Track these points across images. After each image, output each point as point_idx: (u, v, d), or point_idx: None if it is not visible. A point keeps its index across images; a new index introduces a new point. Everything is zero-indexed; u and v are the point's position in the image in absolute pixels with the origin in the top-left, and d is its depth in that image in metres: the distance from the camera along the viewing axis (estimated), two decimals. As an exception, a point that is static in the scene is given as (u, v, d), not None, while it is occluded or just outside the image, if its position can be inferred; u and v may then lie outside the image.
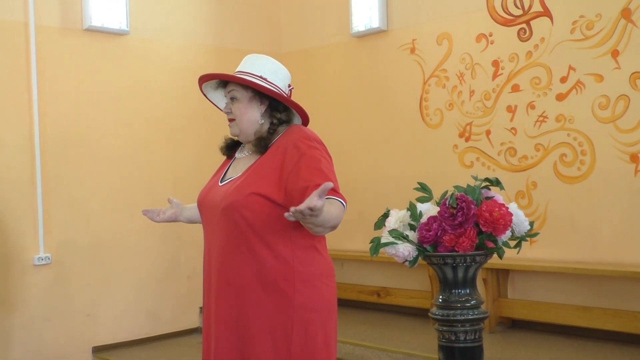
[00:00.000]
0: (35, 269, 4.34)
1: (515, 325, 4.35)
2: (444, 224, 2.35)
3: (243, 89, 2.08)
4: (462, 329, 2.42)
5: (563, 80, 4.15)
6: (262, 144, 2.04)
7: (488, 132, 4.53)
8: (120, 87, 4.81)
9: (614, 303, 3.89)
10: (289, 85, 2.15)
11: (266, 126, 2.08)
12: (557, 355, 3.70)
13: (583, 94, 4.07)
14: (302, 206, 1.61)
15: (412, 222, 2.46)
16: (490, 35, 4.49)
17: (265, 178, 1.95)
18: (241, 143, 2.18)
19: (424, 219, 2.44)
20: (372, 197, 5.18)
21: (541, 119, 4.26)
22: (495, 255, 2.46)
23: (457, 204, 2.32)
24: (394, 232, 2.39)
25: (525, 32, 4.33)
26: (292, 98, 2.14)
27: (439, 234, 2.35)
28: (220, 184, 2.11)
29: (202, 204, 2.14)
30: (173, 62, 5.11)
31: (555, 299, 4.15)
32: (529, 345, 3.92)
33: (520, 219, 2.48)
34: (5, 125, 4.27)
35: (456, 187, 2.44)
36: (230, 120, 2.11)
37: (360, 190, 5.30)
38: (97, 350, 4.58)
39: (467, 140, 4.64)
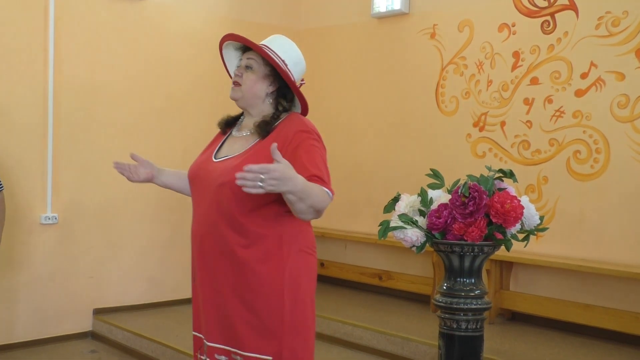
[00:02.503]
0: (41, 228, 4.37)
1: (515, 317, 4.35)
2: (454, 212, 2.33)
3: (263, 63, 2.09)
4: (464, 317, 2.41)
5: (583, 76, 4.10)
6: (265, 128, 2.07)
7: (503, 124, 4.49)
8: (136, 52, 4.79)
9: (616, 303, 3.88)
10: (302, 79, 2.18)
11: (270, 110, 2.12)
12: (556, 350, 3.71)
13: (603, 91, 4.02)
14: (255, 167, 1.67)
15: (422, 208, 2.44)
16: (513, 26, 4.43)
17: (264, 161, 1.95)
18: (237, 121, 2.22)
19: (434, 206, 2.43)
20: (381, 181, 5.17)
21: (558, 113, 4.22)
22: (500, 247, 2.45)
23: (470, 193, 2.30)
24: (403, 217, 2.38)
25: (549, 25, 4.26)
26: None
27: (448, 221, 2.34)
28: (215, 160, 2.13)
29: (194, 177, 2.16)
30: (189, 31, 5.07)
31: (557, 295, 4.14)
32: (528, 339, 3.92)
33: (531, 213, 2.46)
34: (20, 83, 4.26)
35: (469, 176, 2.42)
36: (236, 83, 2.13)
37: (368, 173, 5.29)
38: (98, 312, 4.62)
39: (481, 130, 4.61)
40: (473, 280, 2.43)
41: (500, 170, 2.47)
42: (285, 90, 2.12)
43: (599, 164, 4.03)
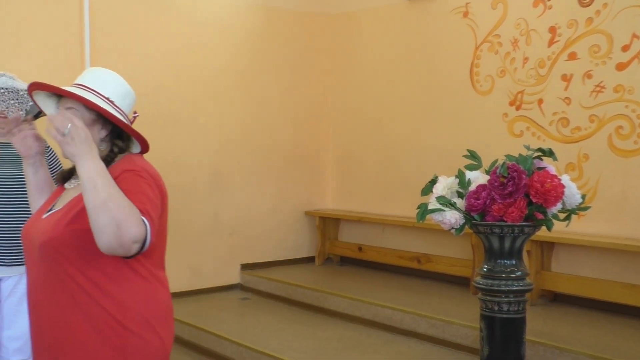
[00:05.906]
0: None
1: (557, 299, 4.28)
2: (493, 193, 2.30)
3: (86, 108, 1.79)
4: (506, 299, 2.38)
5: (625, 48, 3.97)
6: None
7: (540, 101, 4.39)
8: (170, 43, 4.83)
9: (663, 282, 3.79)
10: (134, 112, 1.94)
11: (104, 154, 1.82)
12: (601, 331, 3.64)
13: (645, 64, 3.89)
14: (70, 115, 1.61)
15: (460, 190, 2.41)
16: (549, 0, 4.32)
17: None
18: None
19: (472, 187, 2.39)
20: (416, 163, 5.13)
21: (598, 89, 4.10)
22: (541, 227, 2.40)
23: (508, 173, 2.26)
24: (441, 199, 2.35)
25: (586, -3, 4.14)
26: (134, 124, 1.93)
27: (487, 202, 2.31)
28: (43, 217, 1.82)
29: (24, 237, 1.86)
30: (222, 19, 5.09)
31: (601, 275, 4.05)
32: (571, 320, 3.86)
33: (572, 191, 2.41)
34: (58, 78, 4.34)
35: (508, 156, 2.37)
36: None
37: (403, 156, 5.24)
38: (141, 300, 4.71)
39: (517, 108, 4.52)
40: (514, 262, 2.39)
41: (539, 149, 2.42)
42: (118, 131, 1.85)
43: (643, 140, 3.91)
